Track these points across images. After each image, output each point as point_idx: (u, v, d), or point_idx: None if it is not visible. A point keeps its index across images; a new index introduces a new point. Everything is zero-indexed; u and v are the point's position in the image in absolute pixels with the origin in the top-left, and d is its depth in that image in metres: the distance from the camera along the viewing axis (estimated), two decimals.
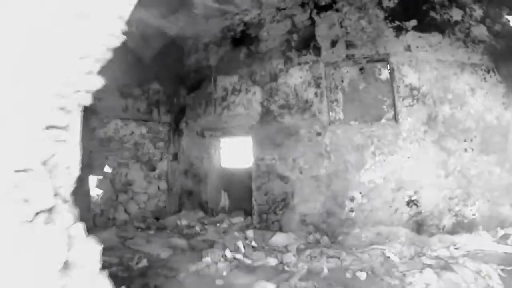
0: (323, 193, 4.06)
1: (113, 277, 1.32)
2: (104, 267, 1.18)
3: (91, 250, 1.12)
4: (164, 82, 5.18)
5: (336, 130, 4.06)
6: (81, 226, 1.15)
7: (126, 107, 4.80)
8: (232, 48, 4.90)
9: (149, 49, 5.05)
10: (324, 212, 4.08)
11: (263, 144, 4.34)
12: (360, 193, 3.96)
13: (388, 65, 4.13)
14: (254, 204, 4.37)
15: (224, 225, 4.56)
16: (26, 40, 0.92)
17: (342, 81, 4.37)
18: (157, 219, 5.13)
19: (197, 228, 4.38)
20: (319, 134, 4.07)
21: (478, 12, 3.81)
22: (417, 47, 3.98)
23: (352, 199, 3.98)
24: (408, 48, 3.98)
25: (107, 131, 4.70)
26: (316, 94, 4.19)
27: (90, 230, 4.01)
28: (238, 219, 4.69)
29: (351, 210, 3.99)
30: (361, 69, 4.34)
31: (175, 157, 5.29)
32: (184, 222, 4.72)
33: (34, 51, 0.94)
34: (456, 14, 3.84)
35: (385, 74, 4.23)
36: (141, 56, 5.00)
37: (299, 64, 4.31)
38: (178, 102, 5.31)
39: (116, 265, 3.23)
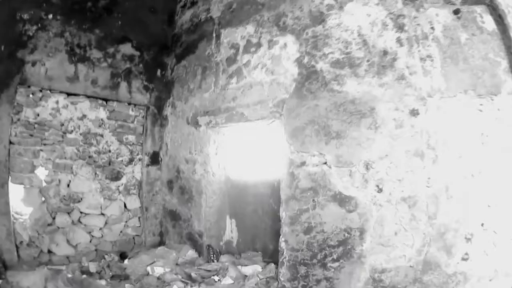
0: (421, 228, 2.08)
1: None
2: None
3: None
4: (142, 45, 3.46)
5: (444, 106, 2.14)
6: None
7: (76, 76, 3.07)
8: None
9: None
10: (419, 264, 2.10)
11: (303, 134, 2.42)
12: (482, 224, 1.99)
13: (492, 10, 2.32)
14: (283, 248, 2.38)
15: (228, 280, 2.58)
16: None
17: (433, 28, 2.52)
18: (123, 256, 3.28)
19: None
20: (414, 113, 2.13)
21: None
22: None
23: (469, 238, 2.01)
24: None
25: (40, 112, 2.95)
26: (399, 41, 2.30)
27: (11, 268, 1.88)
28: (253, 269, 2.70)
29: (465, 257, 2.02)
30: (455, 12, 2.50)
31: (155, 159, 3.45)
32: (158, 270, 2.78)
33: None
34: None
35: (489, 22, 2.38)
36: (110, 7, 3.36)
37: None
38: (163, 74, 3.55)
39: None
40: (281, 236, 2.42)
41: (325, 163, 2.27)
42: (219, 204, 3.30)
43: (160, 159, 3.46)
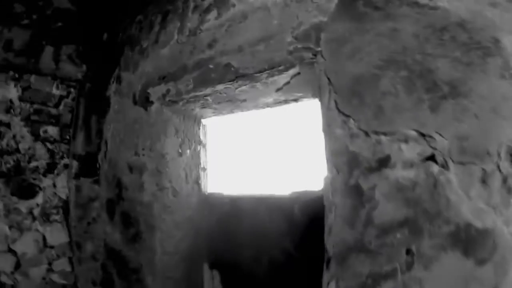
0: None
1: None
2: None
3: None
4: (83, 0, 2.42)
5: None
6: None
7: None
8: None
9: None
10: None
11: (375, 93, 0.98)
12: None
13: None
14: None
15: None
16: None
17: None
18: None
19: None
20: None
21: None
22: None
23: None
24: None
25: None
26: None
27: None
28: None
29: None
30: None
31: (89, 166, 2.24)
32: None
33: None
34: None
35: None
36: None
37: None
38: (110, 39, 2.44)
39: None
40: None
41: (432, 156, 0.87)
42: (189, 245, 1.96)
43: (98, 166, 2.27)
